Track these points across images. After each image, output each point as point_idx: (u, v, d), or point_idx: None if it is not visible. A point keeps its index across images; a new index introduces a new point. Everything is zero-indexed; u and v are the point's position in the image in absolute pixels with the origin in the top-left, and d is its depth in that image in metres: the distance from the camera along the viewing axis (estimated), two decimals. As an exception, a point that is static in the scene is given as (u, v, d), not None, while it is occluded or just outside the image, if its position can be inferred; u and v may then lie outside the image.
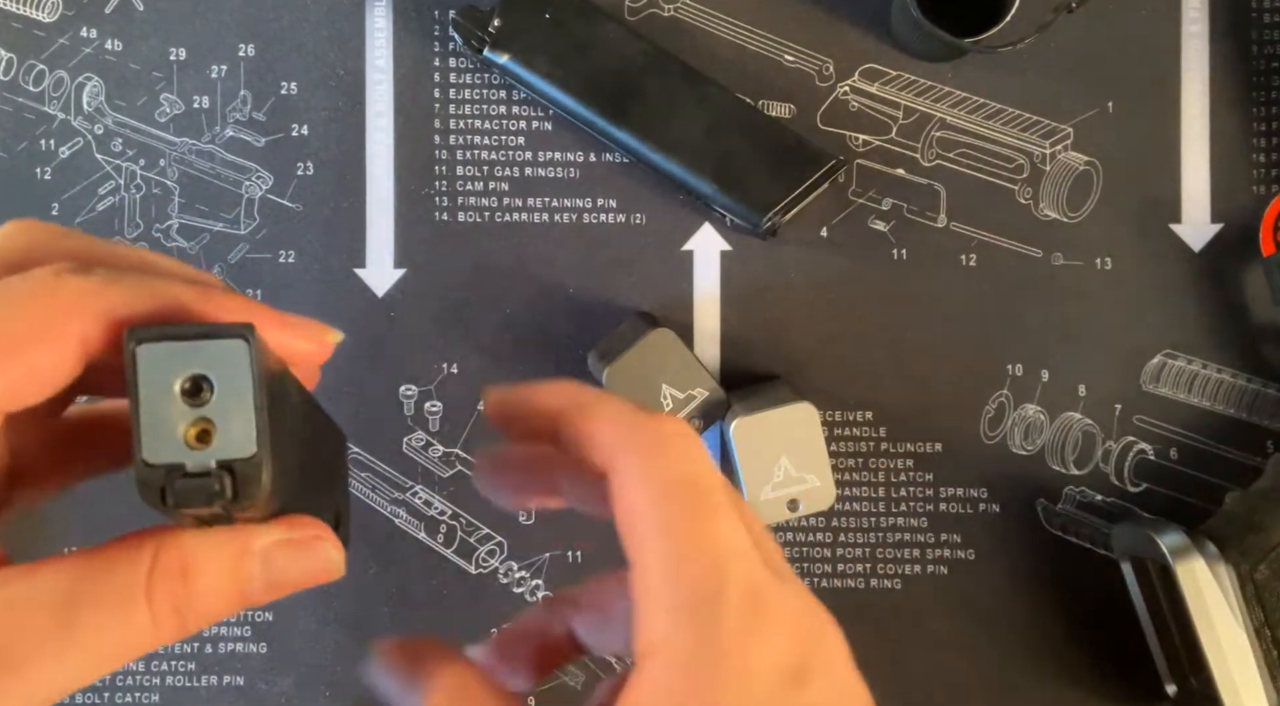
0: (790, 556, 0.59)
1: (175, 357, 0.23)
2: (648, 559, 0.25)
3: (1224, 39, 0.59)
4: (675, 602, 0.25)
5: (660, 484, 0.26)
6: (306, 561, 0.26)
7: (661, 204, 0.59)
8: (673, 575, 0.25)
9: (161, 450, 0.23)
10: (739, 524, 0.26)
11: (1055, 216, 0.59)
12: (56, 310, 0.24)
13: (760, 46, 0.59)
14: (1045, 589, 0.59)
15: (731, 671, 0.24)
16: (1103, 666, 0.59)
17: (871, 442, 0.59)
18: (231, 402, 0.23)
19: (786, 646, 0.25)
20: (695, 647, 0.24)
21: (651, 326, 0.54)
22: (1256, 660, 0.51)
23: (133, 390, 0.23)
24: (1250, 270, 0.59)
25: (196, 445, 0.23)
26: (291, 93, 0.59)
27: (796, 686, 0.25)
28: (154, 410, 0.23)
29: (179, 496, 0.23)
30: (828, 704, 0.26)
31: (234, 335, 0.24)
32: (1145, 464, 0.59)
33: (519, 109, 0.60)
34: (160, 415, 0.23)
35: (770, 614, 0.25)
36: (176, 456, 0.23)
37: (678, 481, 0.26)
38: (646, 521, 0.26)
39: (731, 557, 0.25)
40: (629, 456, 0.26)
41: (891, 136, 0.59)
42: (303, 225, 0.59)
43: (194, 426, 0.23)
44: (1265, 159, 0.59)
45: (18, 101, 0.59)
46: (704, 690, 0.24)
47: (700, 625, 0.25)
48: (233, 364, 0.23)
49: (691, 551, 0.25)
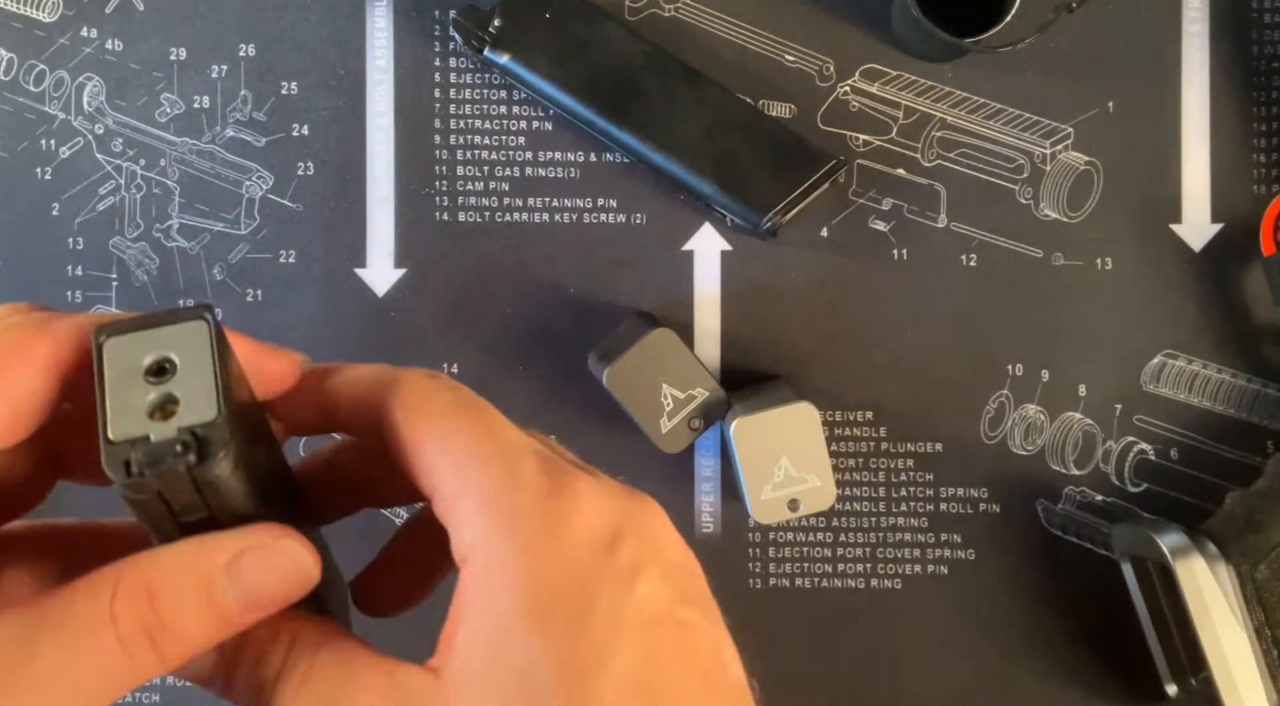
0: (790, 556, 0.59)
1: (139, 344, 0.24)
2: (440, 478, 0.25)
3: (1224, 39, 0.59)
4: (475, 507, 0.25)
5: (437, 411, 0.26)
6: (276, 566, 0.25)
7: (661, 204, 0.59)
8: (467, 483, 0.25)
9: (126, 426, 0.24)
10: (519, 430, 0.26)
11: (1055, 216, 0.59)
12: (25, 334, 0.25)
13: (760, 46, 0.59)
14: (1045, 589, 0.59)
15: (539, 554, 0.24)
16: (1103, 666, 0.59)
17: (871, 442, 0.59)
18: (193, 377, 0.24)
19: (593, 519, 0.25)
20: (500, 541, 0.24)
21: (651, 326, 0.54)
22: (1256, 660, 0.51)
23: (99, 380, 0.24)
24: (1250, 270, 0.59)
25: (160, 420, 0.24)
26: (291, 93, 0.59)
27: (609, 551, 0.25)
28: (120, 394, 0.24)
29: (143, 462, 0.23)
30: (644, 560, 0.25)
31: (194, 317, 0.24)
32: (1145, 464, 0.59)
33: (519, 109, 0.60)
34: (125, 397, 0.24)
35: (570, 494, 0.25)
36: (141, 430, 0.24)
37: (451, 405, 0.26)
38: (431, 446, 0.26)
39: (518, 453, 0.26)
40: (398, 406, 0.26)
41: (892, 136, 0.59)
42: (303, 225, 0.59)
43: (158, 402, 0.24)
44: (1265, 159, 0.59)
45: (18, 101, 0.59)
46: (518, 580, 0.24)
47: (500, 517, 0.24)
48: (194, 342, 0.24)
49: (479, 455, 0.25)
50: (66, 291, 0.59)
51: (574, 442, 0.62)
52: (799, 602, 0.59)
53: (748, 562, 0.59)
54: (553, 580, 0.24)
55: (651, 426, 0.53)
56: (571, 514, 0.25)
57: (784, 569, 0.59)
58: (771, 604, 0.59)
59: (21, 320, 0.25)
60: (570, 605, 0.24)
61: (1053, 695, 0.59)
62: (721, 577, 0.62)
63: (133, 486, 0.23)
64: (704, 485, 0.59)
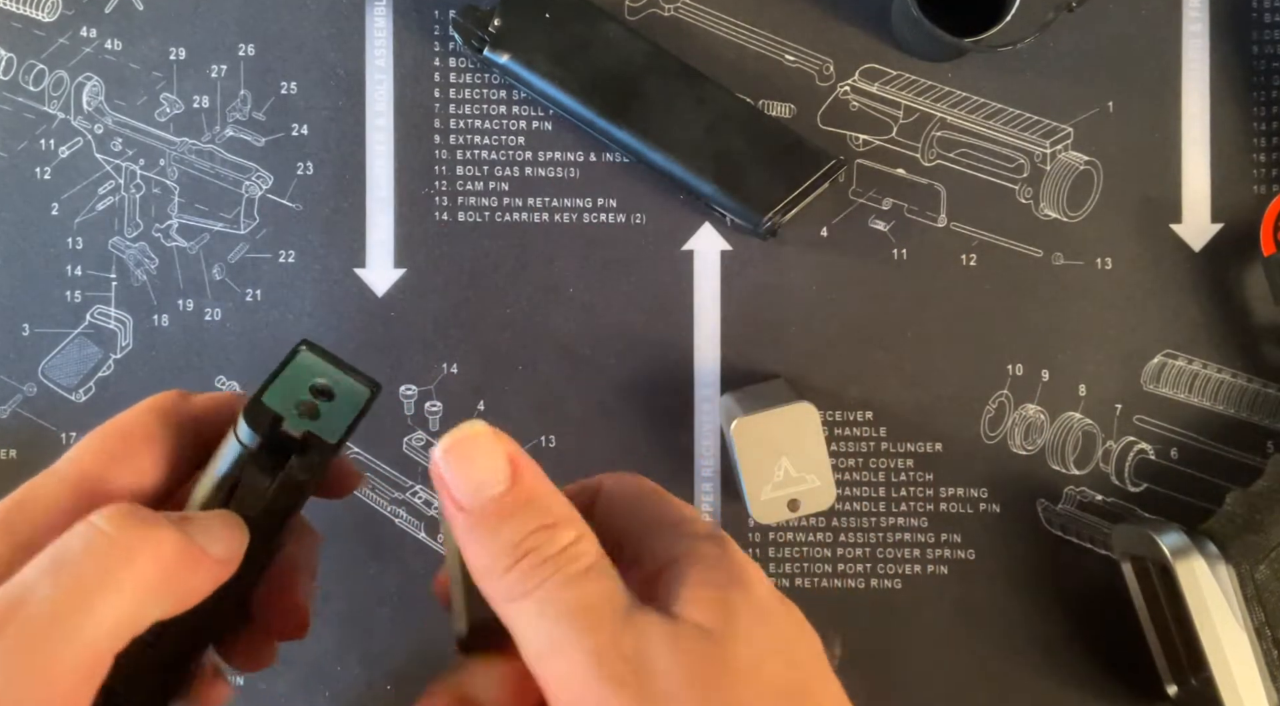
0: (790, 556, 0.59)
1: (318, 370, 0.31)
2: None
3: (1224, 39, 0.59)
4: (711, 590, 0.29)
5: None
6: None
7: (661, 204, 0.59)
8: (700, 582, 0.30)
9: (276, 402, 0.30)
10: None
11: (1055, 216, 0.59)
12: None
13: (760, 46, 0.59)
14: (1045, 589, 0.59)
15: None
16: (1103, 666, 0.59)
17: (871, 442, 0.59)
18: (336, 416, 0.31)
19: (770, 583, 0.30)
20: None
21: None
22: (1256, 660, 0.51)
23: (279, 369, 0.31)
24: (1250, 270, 0.59)
25: (298, 418, 0.30)
26: (291, 93, 0.59)
27: (790, 607, 0.30)
28: (287, 384, 0.31)
29: (267, 429, 0.30)
30: (804, 622, 0.31)
31: (367, 382, 0.32)
32: (1145, 464, 0.59)
33: (519, 109, 0.60)
34: (289, 389, 0.30)
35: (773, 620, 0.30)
36: (283, 411, 0.30)
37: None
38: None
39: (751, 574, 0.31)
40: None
41: (891, 136, 0.59)
42: (303, 225, 0.59)
43: (306, 407, 0.31)
44: (1265, 159, 0.59)
45: (18, 101, 0.59)
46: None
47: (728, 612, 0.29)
48: (353, 396, 0.32)
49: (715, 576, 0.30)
50: (66, 291, 0.59)
51: (573, 443, 0.62)
52: (799, 602, 0.59)
53: (748, 562, 0.59)
54: None
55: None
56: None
57: (784, 569, 0.59)
58: (771, 604, 0.59)
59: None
60: None
61: (1053, 695, 0.59)
62: (721, 577, 0.62)
63: (249, 440, 0.29)
64: (704, 485, 0.59)
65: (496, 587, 0.28)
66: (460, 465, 0.29)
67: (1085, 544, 0.59)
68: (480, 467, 0.29)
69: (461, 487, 0.29)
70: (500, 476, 0.29)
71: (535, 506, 0.29)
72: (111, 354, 0.59)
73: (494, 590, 0.28)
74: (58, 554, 0.26)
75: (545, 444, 0.59)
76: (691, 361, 0.59)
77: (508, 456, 0.29)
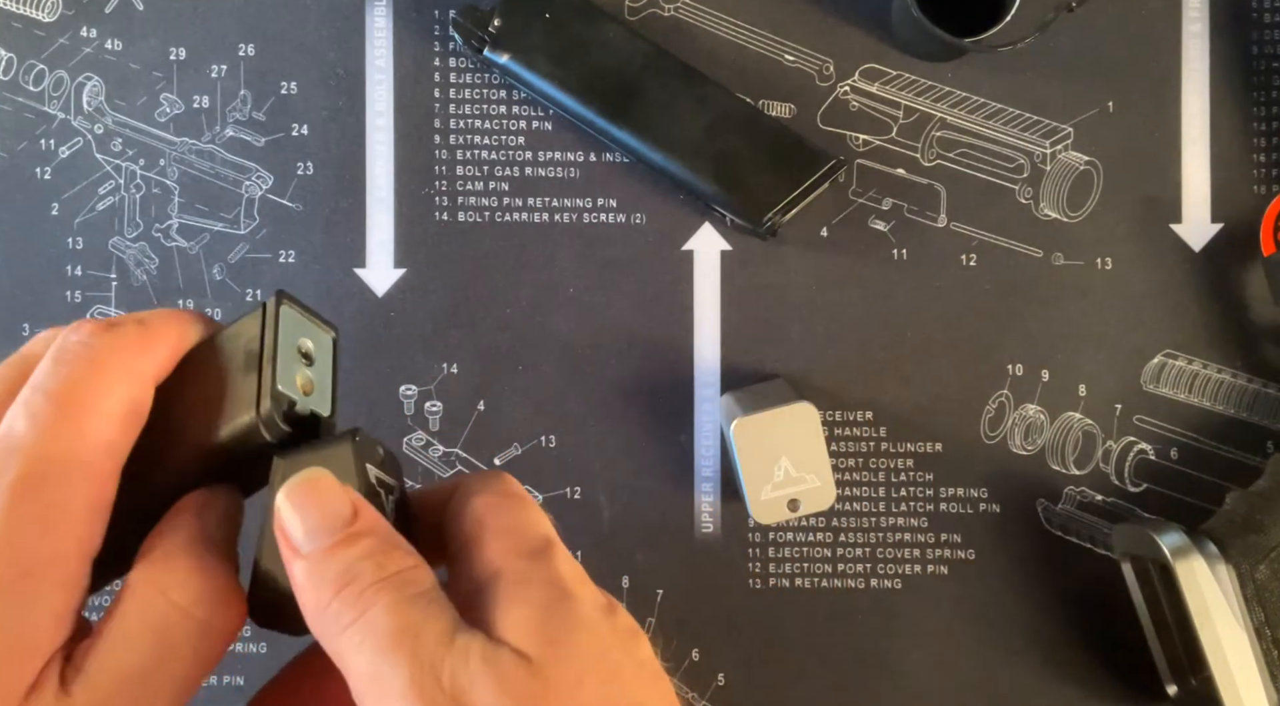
0: (790, 556, 0.59)
1: (298, 327, 0.31)
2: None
3: (1224, 39, 0.59)
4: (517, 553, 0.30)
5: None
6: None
7: (661, 204, 0.59)
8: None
9: (287, 386, 0.30)
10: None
11: (1055, 216, 0.59)
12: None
13: (760, 46, 0.59)
14: (1045, 589, 0.59)
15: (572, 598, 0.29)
16: (1103, 666, 0.59)
17: (871, 442, 0.59)
18: (319, 376, 0.31)
19: (595, 589, 0.30)
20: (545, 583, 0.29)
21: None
22: (1256, 660, 0.51)
23: (271, 336, 0.30)
24: (1250, 270, 0.59)
25: (303, 395, 0.30)
26: (291, 93, 0.59)
27: (613, 614, 0.30)
28: (285, 358, 0.30)
29: (286, 416, 0.29)
30: (633, 627, 0.30)
31: (327, 324, 0.32)
32: (1145, 464, 0.59)
33: (519, 109, 0.60)
34: (287, 363, 0.30)
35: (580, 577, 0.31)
36: (293, 394, 0.30)
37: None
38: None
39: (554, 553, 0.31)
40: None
41: (891, 136, 0.59)
42: (303, 225, 0.59)
43: (304, 384, 0.30)
44: (1265, 159, 0.59)
45: (18, 101, 0.59)
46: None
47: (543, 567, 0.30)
48: (323, 349, 0.32)
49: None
50: (66, 291, 0.59)
51: (573, 443, 0.62)
52: (799, 602, 0.59)
53: (748, 562, 0.59)
54: None
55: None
56: (590, 587, 0.31)
57: (784, 569, 0.59)
58: (771, 604, 0.59)
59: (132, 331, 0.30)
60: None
61: (1053, 695, 0.59)
62: (721, 578, 0.62)
63: (268, 426, 0.29)
64: (704, 485, 0.59)
65: (322, 622, 0.27)
66: (302, 507, 0.28)
67: (1085, 544, 0.59)
68: (320, 511, 0.28)
69: (300, 529, 0.28)
70: (340, 517, 0.28)
71: (369, 538, 0.28)
72: (111, 354, 0.59)
73: (320, 627, 0.27)
74: (32, 382, 0.28)
75: (545, 444, 0.59)
76: (691, 361, 0.59)
77: (350, 502, 0.28)
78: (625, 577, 0.59)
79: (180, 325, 0.31)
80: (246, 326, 0.31)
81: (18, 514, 0.27)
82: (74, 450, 0.28)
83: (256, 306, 0.31)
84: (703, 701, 0.59)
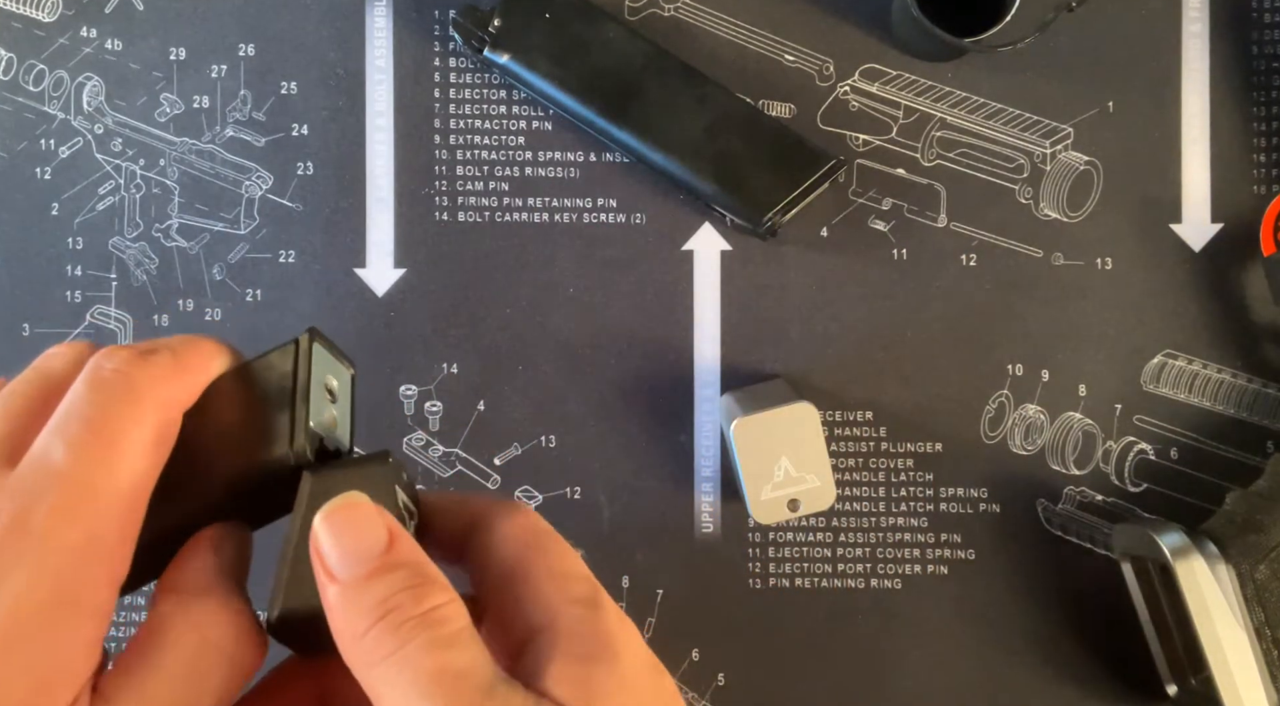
0: (790, 556, 0.59)
1: (325, 364, 0.32)
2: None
3: (1224, 39, 0.59)
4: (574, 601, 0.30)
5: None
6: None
7: (661, 204, 0.59)
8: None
9: (318, 423, 0.31)
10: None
11: (1055, 216, 0.59)
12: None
13: (760, 46, 0.59)
14: (1045, 589, 0.59)
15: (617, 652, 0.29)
16: (1103, 666, 0.59)
17: (871, 442, 0.59)
18: (341, 412, 0.32)
19: (644, 646, 0.31)
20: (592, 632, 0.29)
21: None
22: (1256, 660, 0.51)
23: (305, 373, 0.31)
24: (1250, 270, 0.59)
25: (329, 429, 0.31)
26: (291, 93, 0.59)
27: (661, 675, 0.30)
28: (316, 395, 0.31)
29: (315, 450, 0.30)
30: (675, 691, 0.30)
31: (348, 361, 0.33)
32: (1145, 464, 0.59)
33: (519, 109, 0.60)
34: (317, 400, 0.31)
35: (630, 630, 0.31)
36: (322, 430, 0.31)
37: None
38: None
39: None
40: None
41: (891, 136, 0.59)
42: (303, 225, 0.59)
43: (329, 421, 0.31)
44: (1265, 159, 0.59)
45: (18, 101, 0.59)
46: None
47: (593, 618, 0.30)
48: (344, 385, 0.33)
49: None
50: (66, 291, 0.59)
51: (573, 443, 0.62)
52: (799, 602, 0.59)
53: (748, 562, 0.59)
54: None
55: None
56: (636, 641, 0.31)
57: (784, 569, 0.59)
58: (771, 604, 0.59)
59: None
60: None
61: (1053, 695, 0.59)
62: (721, 578, 0.62)
63: (299, 458, 0.30)
64: (704, 485, 0.59)
65: (358, 651, 0.27)
66: (340, 532, 0.28)
67: (1085, 544, 0.59)
68: (357, 537, 0.28)
69: (336, 555, 0.28)
70: (378, 545, 0.28)
71: (405, 569, 0.28)
72: (111, 354, 0.59)
73: (355, 655, 0.27)
74: (67, 408, 0.28)
75: (545, 444, 0.59)
76: (691, 361, 0.59)
77: (387, 528, 0.28)
78: (625, 577, 0.59)
79: (210, 354, 0.32)
80: (278, 361, 0.31)
81: (56, 542, 0.27)
82: (111, 480, 0.28)
83: (288, 342, 0.32)
84: (703, 701, 0.59)
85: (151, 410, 0.29)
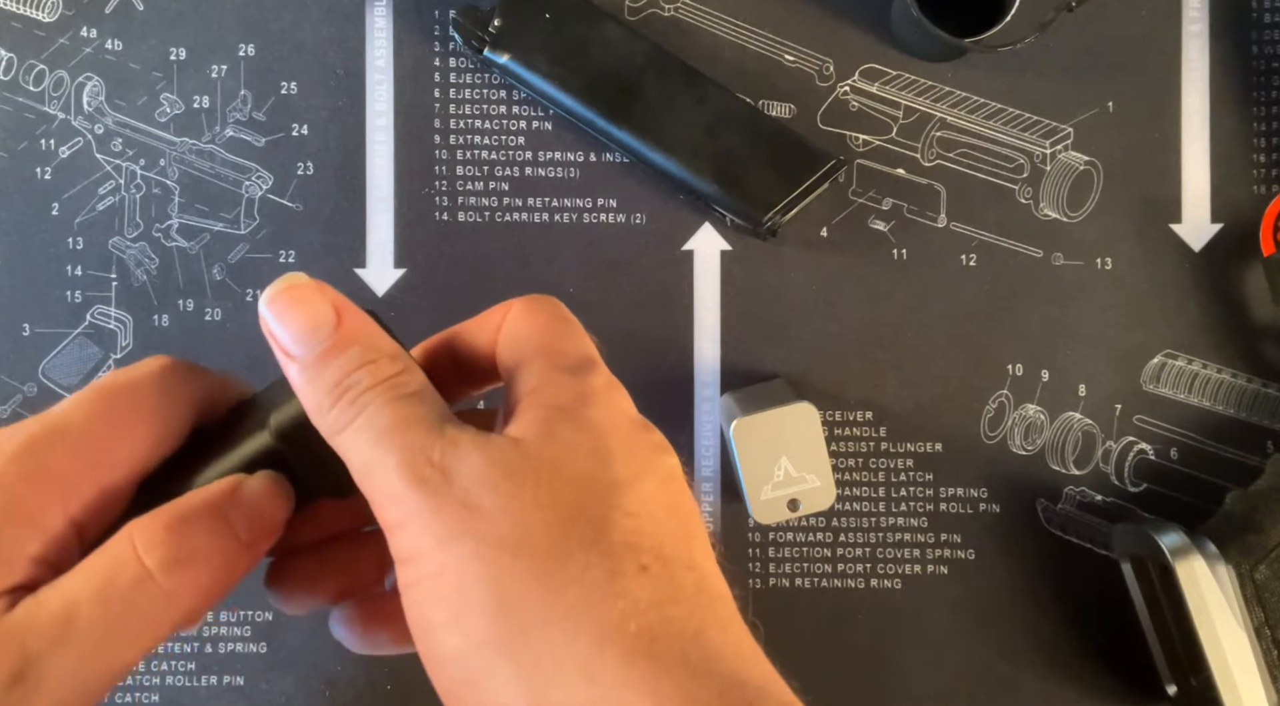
0: (790, 556, 0.59)
1: None
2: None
3: (1224, 39, 0.59)
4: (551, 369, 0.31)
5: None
6: (270, 491, 0.33)
7: (661, 204, 0.59)
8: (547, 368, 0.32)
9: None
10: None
11: (1055, 216, 0.59)
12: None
13: (760, 46, 0.59)
14: (1045, 589, 0.59)
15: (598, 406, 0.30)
16: (1103, 666, 0.59)
17: (871, 442, 0.59)
18: None
19: (631, 406, 0.32)
20: (572, 392, 0.31)
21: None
22: (1256, 660, 0.51)
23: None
24: (1250, 270, 0.59)
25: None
26: (291, 93, 0.59)
27: (645, 429, 0.31)
28: None
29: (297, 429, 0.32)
30: (664, 444, 0.32)
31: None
32: (1145, 464, 0.59)
33: (519, 109, 0.60)
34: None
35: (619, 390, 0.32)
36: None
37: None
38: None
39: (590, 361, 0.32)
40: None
41: (891, 136, 0.59)
42: (303, 225, 0.59)
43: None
44: (1265, 159, 0.59)
45: (18, 101, 0.59)
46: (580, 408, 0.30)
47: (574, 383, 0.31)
48: None
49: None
50: (66, 291, 0.59)
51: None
52: (799, 602, 0.59)
53: (748, 562, 0.59)
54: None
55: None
56: (622, 399, 0.32)
57: (784, 569, 0.59)
58: (771, 604, 0.59)
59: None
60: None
61: (1053, 695, 0.59)
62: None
63: (279, 435, 0.32)
64: (704, 485, 0.59)
65: (324, 423, 0.30)
66: (285, 314, 0.30)
67: (1085, 544, 0.59)
68: (304, 315, 0.30)
69: (288, 336, 0.30)
70: (325, 322, 0.30)
71: (359, 346, 0.30)
72: (112, 354, 0.59)
73: (322, 426, 0.30)
74: (106, 580, 0.29)
75: (545, 444, 0.59)
76: (691, 361, 0.59)
77: (331, 303, 0.30)
78: (625, 577, 0.59)
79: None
80: None
81: (15, 464, 0.30)
82: (84, 423, 0.31)
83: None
84: (703, 701, 0.59)
85: (150, 392, 0.31)
